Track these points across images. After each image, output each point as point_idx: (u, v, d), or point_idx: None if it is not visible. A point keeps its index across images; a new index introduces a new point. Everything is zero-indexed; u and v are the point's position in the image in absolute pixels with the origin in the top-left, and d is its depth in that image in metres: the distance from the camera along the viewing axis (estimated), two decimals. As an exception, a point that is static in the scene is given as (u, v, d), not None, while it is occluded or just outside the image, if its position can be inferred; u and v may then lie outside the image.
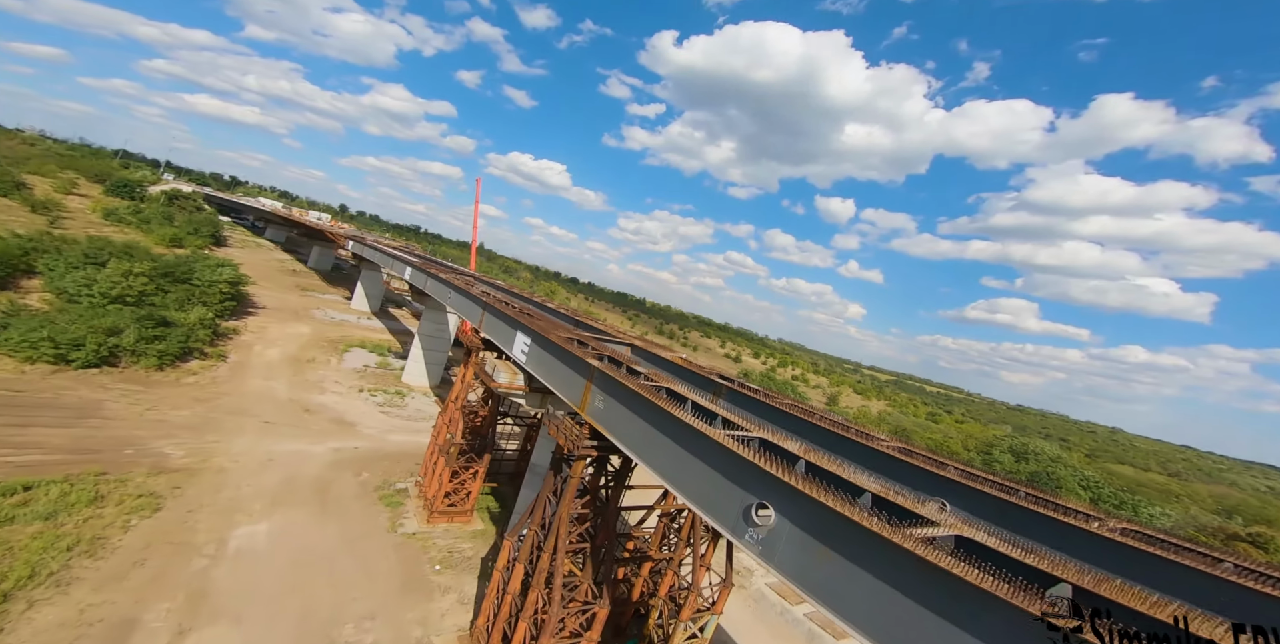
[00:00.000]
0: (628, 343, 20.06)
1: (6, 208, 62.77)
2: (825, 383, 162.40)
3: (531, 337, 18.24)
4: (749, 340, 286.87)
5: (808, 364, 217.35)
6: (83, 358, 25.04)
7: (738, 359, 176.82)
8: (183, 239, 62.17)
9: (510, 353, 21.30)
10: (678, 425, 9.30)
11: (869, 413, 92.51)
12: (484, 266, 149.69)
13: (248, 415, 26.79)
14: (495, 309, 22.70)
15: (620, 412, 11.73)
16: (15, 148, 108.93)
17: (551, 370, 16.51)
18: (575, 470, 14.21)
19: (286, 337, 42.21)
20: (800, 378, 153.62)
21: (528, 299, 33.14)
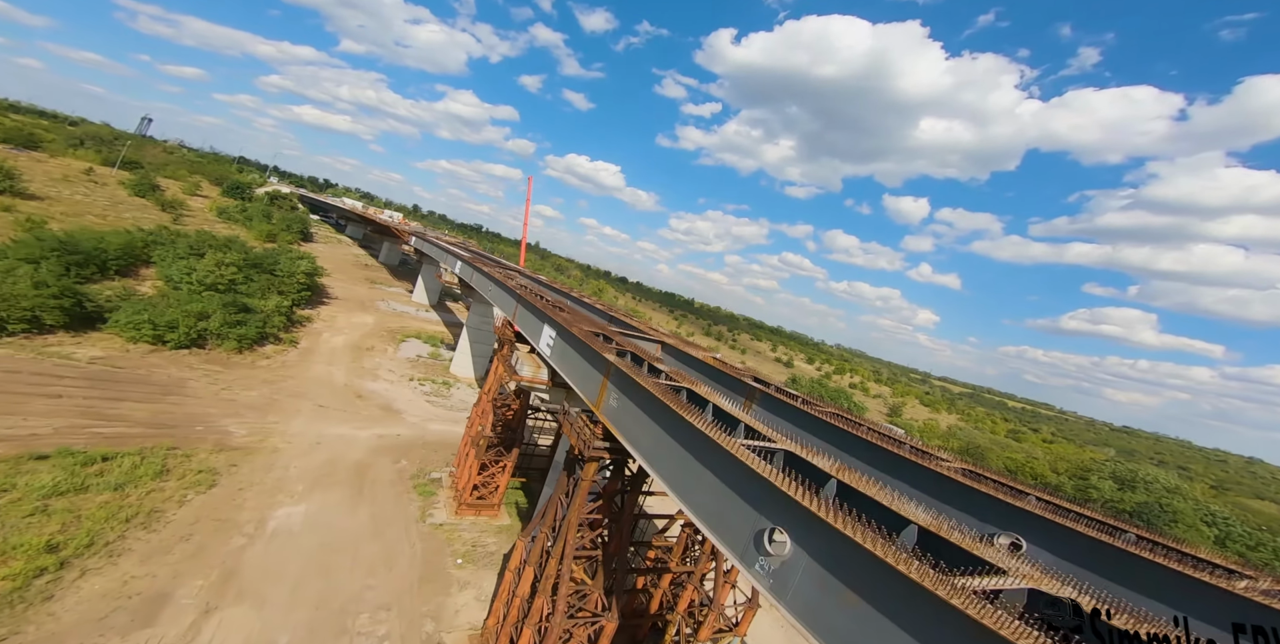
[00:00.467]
0: (658, 340, 19.08)
1: (143, 206, 72.81)
2: (888, 393, 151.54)
3: (556, 330, 17.86)
4: (803, 345, 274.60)
5: (868, 372, 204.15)
6: (176, 339, 27.98)
7: (789, 363, 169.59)
8: (276, 234, 68.99)
9: (537, 346, 21.14)
10: (690, 431, 8.25)
11: (936, 427, 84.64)
12: (537, 264, 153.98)
13: (306, 398, 28.79)
14: (527, 301, 22.59)
15: (633, 412, 10.85)
16: (157, 156, 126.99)
17: (571, 364, 16.01)
18: (586, 473, 13.52)
19: (352, 326, 45.31)
20: (859, 386, 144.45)
21: (566, 294, 33.08)
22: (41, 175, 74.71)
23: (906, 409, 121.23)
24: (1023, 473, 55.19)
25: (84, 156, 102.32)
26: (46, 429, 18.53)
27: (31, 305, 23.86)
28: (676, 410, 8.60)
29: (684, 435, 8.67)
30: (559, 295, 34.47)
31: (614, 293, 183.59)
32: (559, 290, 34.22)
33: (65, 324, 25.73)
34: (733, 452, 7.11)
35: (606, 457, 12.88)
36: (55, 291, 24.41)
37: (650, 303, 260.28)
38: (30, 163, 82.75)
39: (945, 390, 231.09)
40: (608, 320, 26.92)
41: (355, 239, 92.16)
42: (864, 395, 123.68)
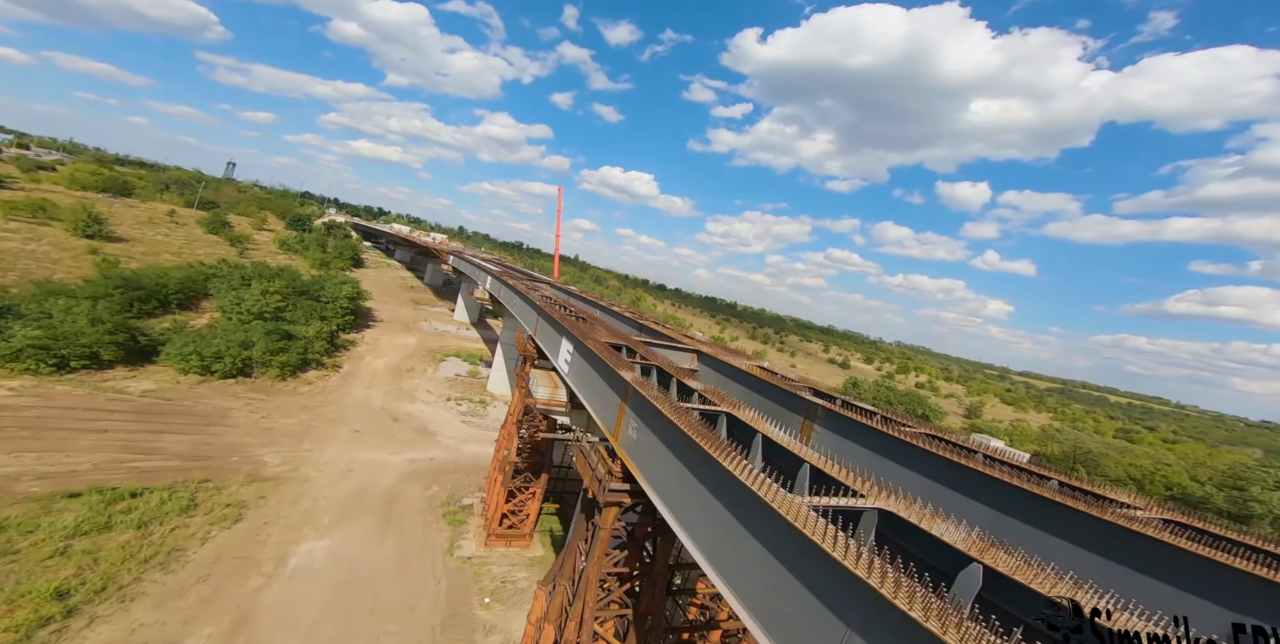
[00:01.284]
0: (693, 349, 16.92)
1: (215, 242, 78.96)
2: (961, 391, 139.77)
3: (573, 344, 16.24)
4: (858, 344, 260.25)
5: (935, 369, 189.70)
6: (222, 369, 28.77)
7: (845, 365, 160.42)
8: (329, 262, 72.68)
9: (555, 362, 19.58)
10: (730, 482, 6.05)
11: (1027, 429, 75.76)
12: (575, 276, 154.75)
13: (342, 424, 28.74)
14: (546, 313, 21.22)
15: (655, 448, 8.71)
16: (230, 195, 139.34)
17: (588, 384, 14.18)
18: (605, 520, 11.40)
19: (395, 347, 46.06)
20: (927, 385, 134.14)
21: (596, 303, 31.62)
22: (130, 219, 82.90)
23: (986, 409, 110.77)
24: (1153, 483, 47.05)
25: (169, 200, 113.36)
26: (86, 465, 18.85)
27: (90, 342, 25.06)
28: (708, 450, 6.42)
29: (722, 486, 6.43)
30: (588, 306, 33.09)
31: (652, 300, 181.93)
32: (589, 300, 32.90)
33: (122, 358, 26.95)
34: (796, 524, 4.85)
35: (627, 500, 10.90)
36: (110, 328, 25.60)
37: (691, 308, 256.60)
38: (123, 209, 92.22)
39: (1029, 387, 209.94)
40: (636, 329, 25.07)
41: (403, 262, 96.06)
42: (935, 395, 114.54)
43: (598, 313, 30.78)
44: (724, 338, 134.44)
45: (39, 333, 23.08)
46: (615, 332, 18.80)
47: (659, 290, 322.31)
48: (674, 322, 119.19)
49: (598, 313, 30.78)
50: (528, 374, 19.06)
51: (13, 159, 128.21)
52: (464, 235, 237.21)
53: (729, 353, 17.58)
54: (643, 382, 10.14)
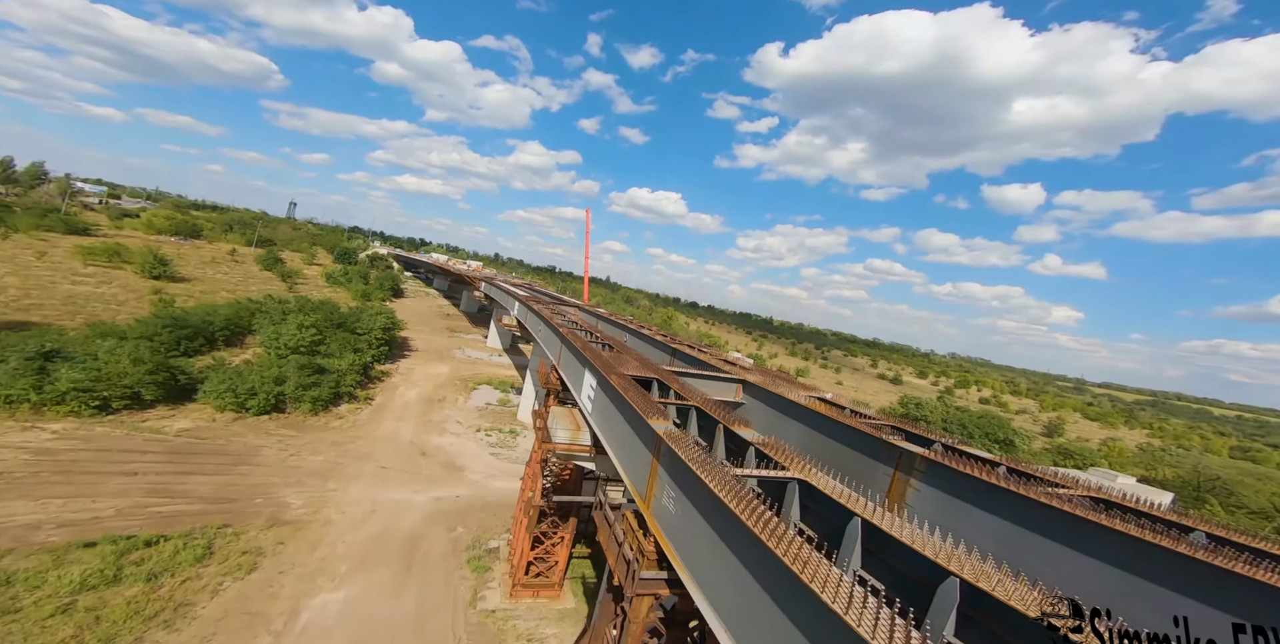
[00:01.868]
0: (737, 379, 14.81)
1: (268, 279, 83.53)
2: (1033, 406, 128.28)
3: (597, 377, 14.38)
4: (909, 357, 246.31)
5: (999, 383, 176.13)
6: (257, 405, 28.90)
7: (896, 380, 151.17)
8: (371, 293, 75.24)
9: (578, 398, 17.97)
10: (823, 617, 4.07)
11: (1123, 449, 67.16)
12: (606, 298, 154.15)
13: (370, 460, 28.08)
14: (568, 340, 19.81)
15: (699, 529, 6.65)
16: (285, 233, 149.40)
17: (612, 429, 12.15)
18: (637, 613, 8.86)
19: (428, 377, 46.03)
20: (994, 400, 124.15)
21: (625, 326, 30.08)
22: (195, 259, 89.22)
23: (1069, 427, 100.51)
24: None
25: (232, 240, 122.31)
26: (109, 511, 18.59)
27: (132, 383, 25.61)
28: (786, 563, 4.48)
29: (813, 621, 4.34)
30: (617, 330, 31.63)
31: (684, 319, 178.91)
32: (619, 323, 31.47)
33: (163, 398, 27.46)
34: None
35: (664, 591, 8.44)
36: (150, 367, 26.17)
37: (725, 325, 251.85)
38: (190, 250, 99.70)
39: (1114, 400, 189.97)
40: (669, 354, 23.22)
41: (440, 291, 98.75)
42: (1003, 411, 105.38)
43: (627, 337, 29.24)
44: (761, 355, 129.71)
45: (82, 375, 23.69)
46: (645, 362, 17.05)
47: (691, 308, 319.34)
48: (708, 340, 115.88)
49: (627, 337, 29.24)
50: (547, 412, 17.56)
51: (104, 209, 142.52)
52: (499, 262, 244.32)
53: (779, 381, 15.21)
54: (679, 435, 8.05)
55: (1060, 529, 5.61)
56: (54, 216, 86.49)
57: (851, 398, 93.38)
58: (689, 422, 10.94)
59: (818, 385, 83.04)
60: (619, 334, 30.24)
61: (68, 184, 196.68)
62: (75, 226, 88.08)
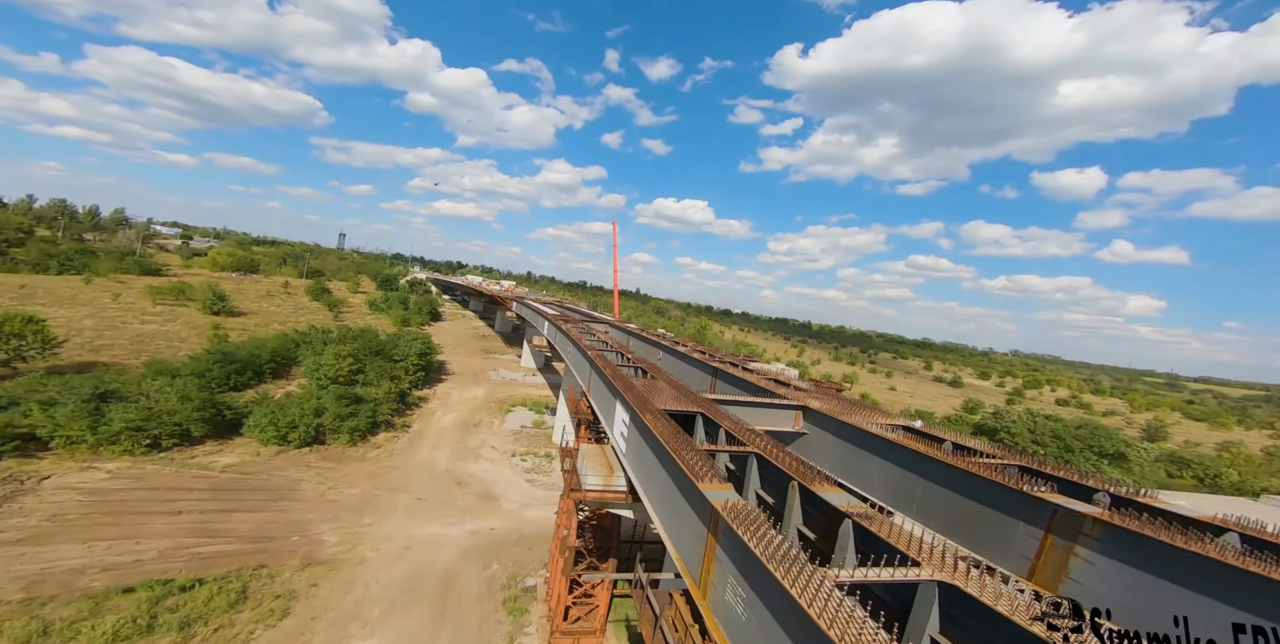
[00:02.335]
0: (795, 405, 12.57)
1: (317, 308, 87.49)
2: (1122, 406, 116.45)
3: (629, 412, 12.63)
4: (964, 357, 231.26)
5: (1075, 382, 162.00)
6: (297, 438, 29.24)
7: (956, 383, 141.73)
8: (410, 318, 77.35)
9: (610, 434, 16.59)
10: None
11: (1247, 454, 57.81)
12: (637, 310, 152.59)
13: (405, 491, 27.72)
14: (597, 366, 18.57)
15: None
16: (332, 263, 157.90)
17: (654, 485, 10.19)
18: None
19: (464, 401, 46.09)
20: (1073, 401, 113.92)
21: (659, 343, 28.72)
22: (253, 293, 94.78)
23: (1173, 429, 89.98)
24: None
25: (286, 272, 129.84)
26: (151, 553, 18.67)
27: (181, 420, 26.36)
28: None
29: None
30: (651, 346, 30.32)
31: (718, 328, 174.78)
32: (652, 340, 30.15)
33: (211, 433, 28.16)
34: None
35: None
36: (198, 404, 26.91)
37: (761, 332, 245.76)
38: (249, 284, 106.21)
39: (1217, 396, 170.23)
40: (710, 374, 21.64)
41: (476, 312, 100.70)
42: (1087, 413, 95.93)
43: (661, 355, 27.91)
44: (803, 362, 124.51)
45: (133, 415, 24.48)
46: (682, 389, 15.36)
47: (725, 316, 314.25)
48: (746, 350, 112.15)
49: (661, 355, 27.91)
50: (576, 451, 16.32)
51: (177, 249, 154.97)
52: (531, 280, 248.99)
53: (846, 405, 12.85)
54: (743, 511, 6.17)
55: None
56: (130, 259, 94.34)
57: (907, 404, 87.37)
58: (748, 472, 9.20)
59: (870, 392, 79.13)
60: (652, 352, 28.98)
61: (146, 228, 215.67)
62: (149, 268, 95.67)
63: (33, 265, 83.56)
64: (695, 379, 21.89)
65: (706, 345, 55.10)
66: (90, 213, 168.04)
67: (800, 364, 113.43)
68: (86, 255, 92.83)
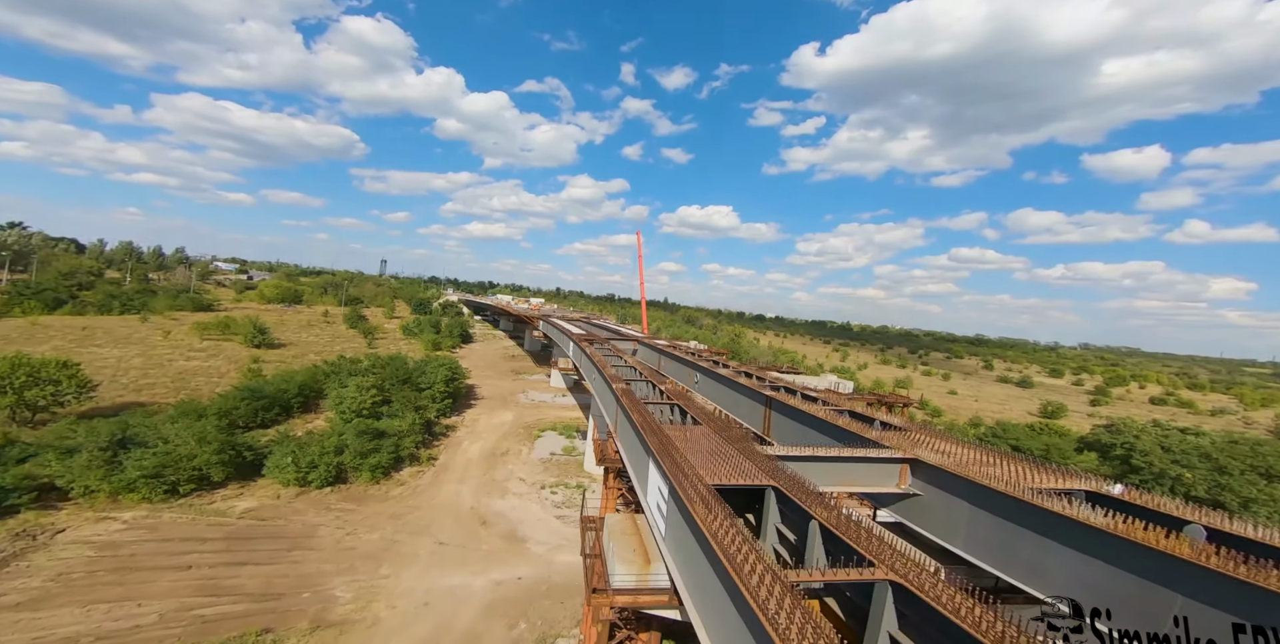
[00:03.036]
0: (900, 458, 9.52)
1: (353, 336, 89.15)
2: (1231, 403, 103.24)
3: (667, 483, 9.47)
4: (1027, 353, 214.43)
5: (1166, 376, 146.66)
6: (318, 478, 28.03)
7: (1025, 383, 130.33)
8: (440, 342, 77.45)
9: (644, 501, 13.12)
10: None
11: None
12: (666, 320, 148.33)
13: (426, 535, 25.84)
14: (624, 404, 16.04)
15: None
16: (369, 289, 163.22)
17: (706, 598, 7.41)
18: None
19: (492, 428, 44.50)
20: (1170, 399, 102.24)
21: (694, 364, 26.05)
22: (295, 324, 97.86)
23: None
24: None
25: (327, 301, 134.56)
26: (151, 617, 17.25)
27: (200, 464, 25.52)
28: None
29: None
30: (686, 367, 27.58)
31: (753, 335, 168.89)
32: (687, 361, 27.36)
33: (232, 475, 27.28)
34: None
35: None
36: (217, 447, 26.07)
37: (798, 336, 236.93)
38: (292, 315, 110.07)
39: None
40: (763, 404, 18.50)
41: (507, 331, 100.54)
42: (1190, 413, 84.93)
43: (698, 379, 25.14)
44: (848, 368, 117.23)
45: (150, 462, 23.73)
46: (734, 437, 11.76)
47: (758, 321, 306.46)
48: (785, 358, 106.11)
49: (698, 379, 25.14)
50: (601, 527, 13.30)
51: (233, 283, 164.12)
52: (560, 295, 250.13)
53: (974, 451, 9.28)
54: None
55: None
56: (184, 297, 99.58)
57: (974, 410, 79.50)
58: (877, 612, 6.13)
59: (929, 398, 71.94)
60: (687, 374, 26.30)
61: (206, 265, 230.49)
62: (201, 304, 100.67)
63: (98, 307, 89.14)
64: (745, 410, 19.02)
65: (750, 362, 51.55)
66: (155, 253, 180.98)
67: (846, 370, 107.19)
68: (146, 295, 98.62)
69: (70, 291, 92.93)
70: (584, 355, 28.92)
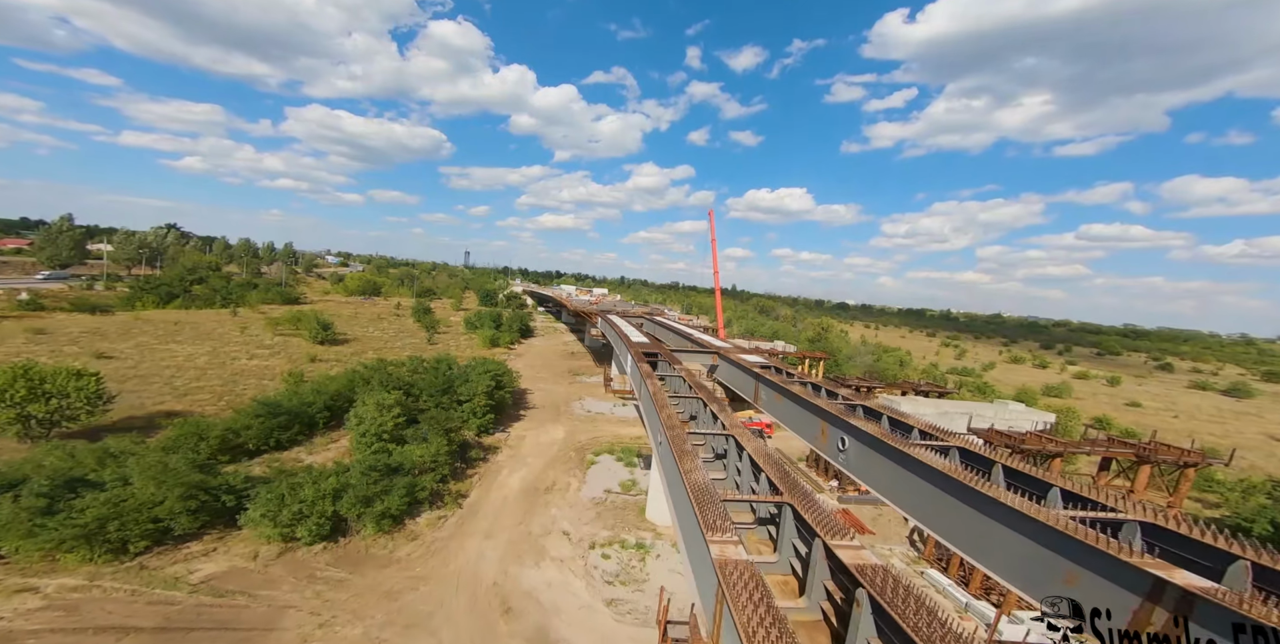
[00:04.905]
0: None
1: (415, 330, 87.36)
2: None
3: None
4: (1209, 347, 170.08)
5: None
6: (308, 533, 21.92)
7: (1238, 390, 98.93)
8: (499, 338, 72.73)
9: None
10: None
11: None
12: (737, 310, 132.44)
13: (424, 630, 18.57)
14: (700, 521, 7.12)
15: None
16: (443, 281, 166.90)
17: None
18: None
19: (538, 449, 37.35)
20: None
21: (824, 408, 16.02)
22: (367, 316, 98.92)
23: None
24: None
25: (403, 293, 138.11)
26: None
27: (163, 513, 20.16)
28: None
29: None
30: (806, 409, 17.67)
31: (840, 326, 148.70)
32: (808, 403, 17.27)
33: (207, 523, 21.89)
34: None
35: None
36: (183, 492, 20.55)
37: (890, 327, 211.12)
38: (368, 307, 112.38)
39: None
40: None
41: (569, 325, 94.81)
42: None
43: (845, 445, 15.05)
44: (971, 368, 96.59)
45: (92, 513, 18.47)
46: None
47: (840, 310, 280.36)
48: (891, 357, 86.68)
49: (845, 445, 15.05)
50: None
51: (330, 276, 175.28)
52: (624, 284, 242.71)
53: None
54: None
55: None
56: (275, 290, 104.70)
57: (1182, 431, 57.85)
58: None
59: (1104, 412, 51.27)
60: (817, 427, 16.38)
61: (312, 259, 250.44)
62: (289, 297, 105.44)
63: (205, 300, 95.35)
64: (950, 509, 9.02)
65: (871, 375, 39.86)
66: (268, 248, 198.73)
67: (970, 371, 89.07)
68: (246, 289, 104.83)
69: (185, 286, 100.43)
70: (643, 386, 19.99)
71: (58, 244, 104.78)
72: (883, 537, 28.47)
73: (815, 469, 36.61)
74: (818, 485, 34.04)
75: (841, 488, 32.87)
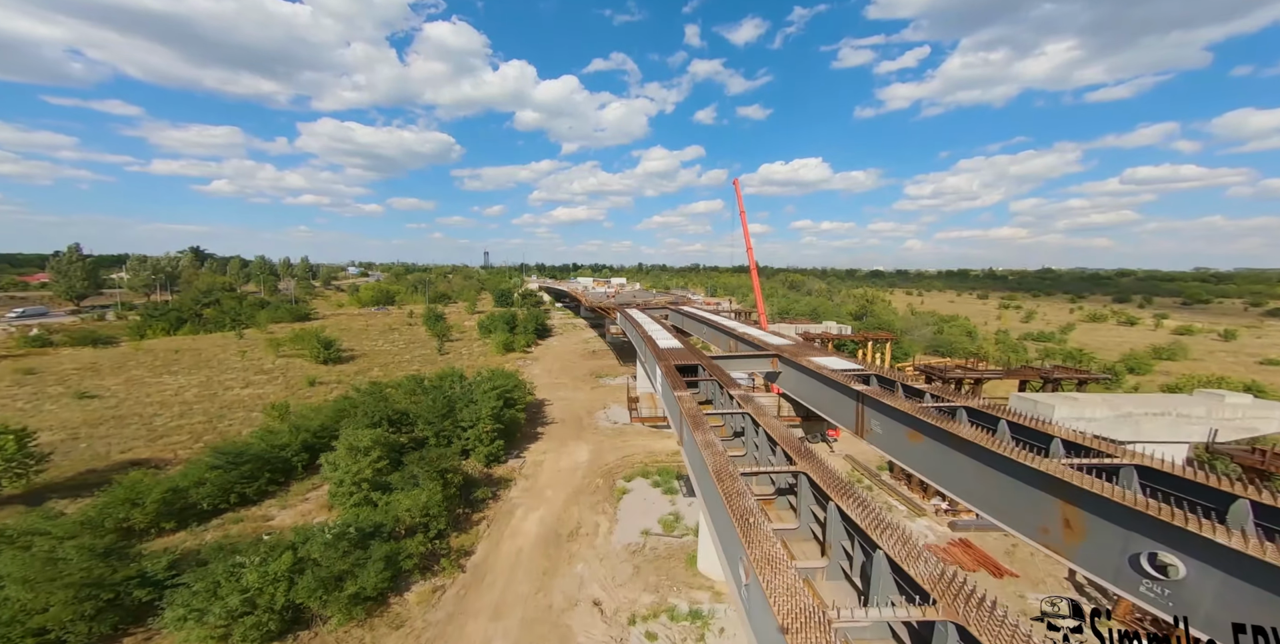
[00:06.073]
0: None
1: (427, 340, 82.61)
2: None
3: None
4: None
5: None
6: (250, 636, 16.38)
7: None
8: (513, 343, 67.17)
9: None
10: None
11: None
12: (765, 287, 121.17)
13: None
14: None
15: None
16: (458, 283, 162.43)
17: None
18: None
19: (560, 476, 31.39)
20: None
21: (944, 429, 9.28)
22: (378, 328, 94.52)
23: None
24: None
25: (416, 299, 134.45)
26: None
27: (49, 622, 14.86)
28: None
29: None
30: (916, 433, 10.91)
31: (884, 298, 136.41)
32: (924, 422, 10.47)
33: (119, 623, 16.58)
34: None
35: None
36: (74, 592, 15.20)
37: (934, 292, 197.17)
38: (379, 318, 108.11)
39: None
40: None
41: (587, 320, 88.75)
42: None
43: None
44: (1048, 332, 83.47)
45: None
46: None
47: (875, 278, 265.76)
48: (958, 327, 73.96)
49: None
50: None
51: (348, 287, 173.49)
52: (642, 271, 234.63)
53: None
54: None
55: None
56: (283, 308, 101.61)
57: None
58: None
59: (1255, 379, 42.22)
60: (961, 470, 9.57)
61: (331, 271, 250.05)
62: (300, 314, 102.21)
63: (216, 323, 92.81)
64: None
65: (976, 360, 34.38)
66: (284, 264, 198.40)
67: (1049, 335, 78.58)
68: (255, 308, 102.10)
69: (195, 310, 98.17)
70: (674, 404, 13.62)
71: (69, 276, 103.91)
72: (1029, 579, 21.44)
73: (906, 482, 29.52)
74: (915, 505, 27.04)
75: (953, 510, 25.77)
